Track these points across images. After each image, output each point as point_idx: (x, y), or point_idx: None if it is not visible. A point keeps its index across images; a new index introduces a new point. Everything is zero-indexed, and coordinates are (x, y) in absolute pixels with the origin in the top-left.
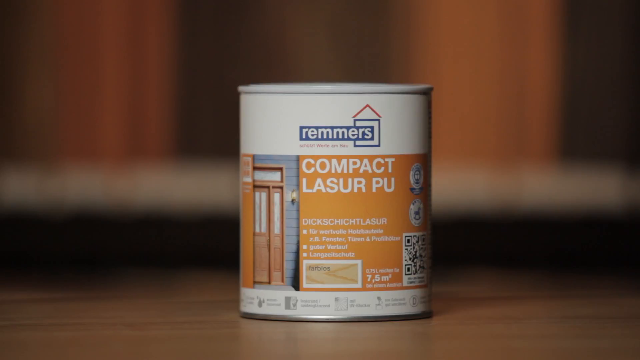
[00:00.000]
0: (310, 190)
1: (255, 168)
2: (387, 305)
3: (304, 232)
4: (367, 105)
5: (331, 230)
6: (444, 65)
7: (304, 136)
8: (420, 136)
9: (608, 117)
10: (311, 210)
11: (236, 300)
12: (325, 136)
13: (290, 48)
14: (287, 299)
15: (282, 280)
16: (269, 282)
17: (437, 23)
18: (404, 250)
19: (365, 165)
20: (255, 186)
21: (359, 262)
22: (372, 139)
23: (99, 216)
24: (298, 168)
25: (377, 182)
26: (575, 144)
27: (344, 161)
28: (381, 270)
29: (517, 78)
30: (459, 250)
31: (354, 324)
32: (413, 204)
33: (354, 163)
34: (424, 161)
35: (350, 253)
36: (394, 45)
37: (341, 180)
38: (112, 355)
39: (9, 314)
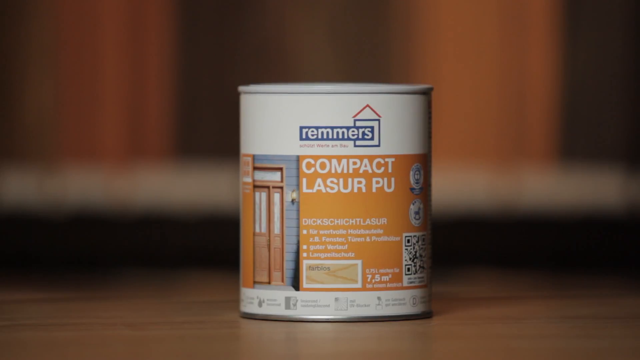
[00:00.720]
0: (310, 190)
1: (255, 168)
2: (387, 305)
3: (304, 232)
4: (367, 105)
5: (331, 230)
6: (444, 65)
7: (304, 136)
8: (420, 136)
9: (608, 117)
10: (311, 210)
11: (236, 300)
12: (325, 136)
13: (290, 48)
14: (287, 299)
15: (282, 280)
16: (269, 282)
17: (437, 23)
18: (404, 250)
19: (365, 165)
20: (255, 186)
21: (359, 262)
22: (372, 139)
23: (99, 216)
24: (298, 168)
25: (377, 182)
26: (575, 144)
27: (344, 161)
28: (381, 270)
29: (517, 78)
30: (459, 250)
31: (354, 324)
32: (413, 204)
33: (354, 163)
34: (424, 161)
35: (350, 253)
36: (394, 45)
37: (341, 180)
38: (112, 355)
39: (9, 314)
